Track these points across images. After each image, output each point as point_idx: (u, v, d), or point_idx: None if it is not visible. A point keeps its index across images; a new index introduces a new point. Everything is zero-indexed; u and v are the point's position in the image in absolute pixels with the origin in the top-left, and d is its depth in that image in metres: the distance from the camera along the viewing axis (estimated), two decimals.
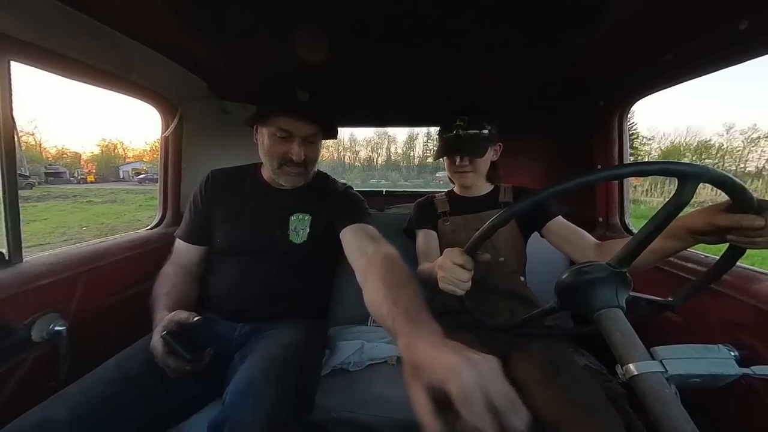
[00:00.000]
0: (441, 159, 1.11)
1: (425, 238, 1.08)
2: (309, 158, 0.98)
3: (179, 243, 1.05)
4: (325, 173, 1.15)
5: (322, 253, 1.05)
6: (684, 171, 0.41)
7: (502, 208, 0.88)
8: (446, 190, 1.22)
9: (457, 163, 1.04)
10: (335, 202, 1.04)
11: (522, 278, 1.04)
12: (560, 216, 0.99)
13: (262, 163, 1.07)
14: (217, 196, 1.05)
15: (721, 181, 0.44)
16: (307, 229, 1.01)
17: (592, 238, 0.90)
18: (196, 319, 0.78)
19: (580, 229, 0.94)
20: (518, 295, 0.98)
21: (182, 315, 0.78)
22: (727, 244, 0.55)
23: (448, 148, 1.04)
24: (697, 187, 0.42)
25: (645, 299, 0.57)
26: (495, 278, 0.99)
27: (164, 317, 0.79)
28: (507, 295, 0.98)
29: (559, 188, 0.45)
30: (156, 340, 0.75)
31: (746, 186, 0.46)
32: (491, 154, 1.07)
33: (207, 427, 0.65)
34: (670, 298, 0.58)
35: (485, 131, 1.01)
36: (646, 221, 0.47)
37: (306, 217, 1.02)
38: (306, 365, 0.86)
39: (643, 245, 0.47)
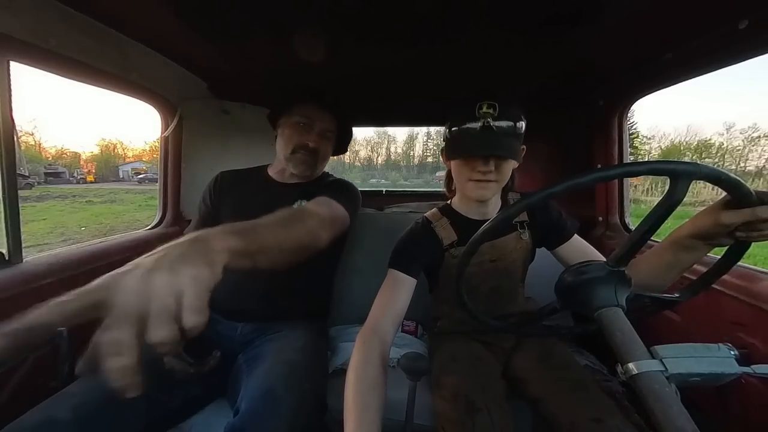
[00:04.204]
0: (446, 157, 0.86)
1: (403, 289, 0.79)
2: (321, 151, 1.04)
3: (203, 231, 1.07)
4: (328, 173, 1.18)
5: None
6: (674, 169, 0.41)
7: (519, 230, 0.88)
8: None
9: (479, 168, 0.76)
10: (325, 186, 1.06)
11: (529, 297, 1.00)
12: (576, 235, 0.88)
13: (268, 164, 1.14)
14: (224, 193, 1.09)
15: (715, 177, 0.43)
16: None
17: (604, 259, 0.86)
18: None
19: (592, 248, 0.86)
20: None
21: None
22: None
23: (474, 144, 0.75)
24: (689, 186, 0.42)
25: (650, 296, 0.57)
26: (513, 306, 0.93)
27: None
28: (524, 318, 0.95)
29: (548, 192, 0.45)
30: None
31: (741, 180, 0.45)
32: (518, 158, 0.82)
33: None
34: (676, 294, 0.58)
35: (520, 123, 0.76)
36: (641, 221, 0.47)
37: (305, 204, 1.03)
38: (319, 369, 0.87)
39: (638, 245, 0.47)
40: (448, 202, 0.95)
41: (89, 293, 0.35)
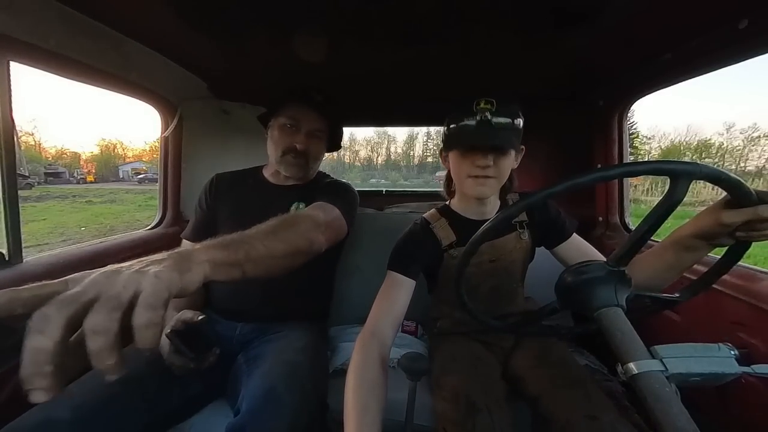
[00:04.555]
0: (444, 158, 0.89)
1: (402, 291, 0.79)
2: (311, 152, 1.03)
3: (185, 244, 1.06)
4: (325, 173, 1.17)
5: None
6: (674, 169, 0.41)
7: (519, 230, 0.88)
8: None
9: (477, 163, 0.77)
10: (322, 189, 1.04)
11: (529, 296, 1.00)
12: (575, 234, 0.88)
13: (264, 165, 1.13)
14: (220, 196, 1.07)
15: (715, 177, 0.43)
16: None
17: (603, 258, 0.86)
18: (200, 318, 0.79)
19: (591, 247, 0.87)
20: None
21: (188, 314, 0.79)
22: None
23: (471, 137, 0.76)
24: (689, 186, 0.42)
25: (650, 296, 0.57)
26: (513, 306, 0.93)
27: (172, 316, 0.80)
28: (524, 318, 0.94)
29: (548, 192, 0.45)
30: (162, 338, 0.76)
31: (742, 179, 0.46)
32: (515, 155, 0.82)
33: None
34: (676, 294, 0.58)
35: (518, 120, 0.77)
36: (641, 220, 0.47)
37: (302, 206, 1.03)
38: (320, 369, 0.87)
39: (638, 245, 0.47)
40: (447, 202, 0.95)
41: (50, 284, 0.34)
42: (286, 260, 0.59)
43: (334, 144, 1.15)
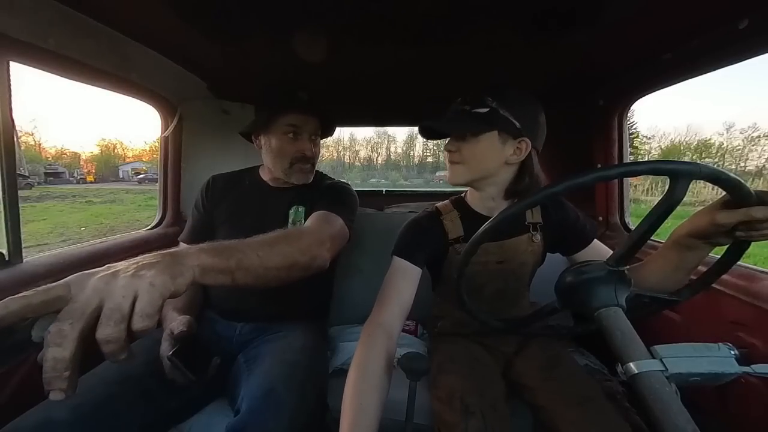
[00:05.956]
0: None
1: (407, 279, 0.77)
2: (317, 155, 1.04)
3: (182, 247, 1.05)
4: (322, 172, 1.16)
5: None
6: (674, 169, 0.41)
7: (532, 232, 0.85)
8: (448, 189, 1.02)
9: (445, 149, 0.84)
10: (323, 193, 1.03)
11: (534, 301, 0.98)
12: (595, 240, 0.85)
13: (260, 165, 1.12)
14: (218, 199, 1.07)
15: (715, 177, 0.43)
16: (302, 221, 1.01)
17: None
18: (193, 325, 0.80)
19: (609, 251, 0.83)
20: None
21: (182, 326, 0.79)
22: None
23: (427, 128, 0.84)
24: (689, 185, 0.42)
25: (650, 296, 0.57)
26: (517, 310, 0.92)
27: (174, 318, 0.81)
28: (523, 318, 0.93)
29: (548, 192, 0.45)
30: (163, 354, 0.76)
31: (741, 179, 0.45)
32: (499, 146, 0.76)
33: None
34: (676, 294, 0.58)
35: (484, 110, 0.74)
36: (641, 220, 0.47)
37: (300, 209, 1.03)
38: (320, 369, 0.88)
39: (638, 244, 0.47)
40: (462, 195, 0.92)
41: (54, 288, 0.37)
42: (281, 272, 0.60)
43: (325, 134, 1.14)
